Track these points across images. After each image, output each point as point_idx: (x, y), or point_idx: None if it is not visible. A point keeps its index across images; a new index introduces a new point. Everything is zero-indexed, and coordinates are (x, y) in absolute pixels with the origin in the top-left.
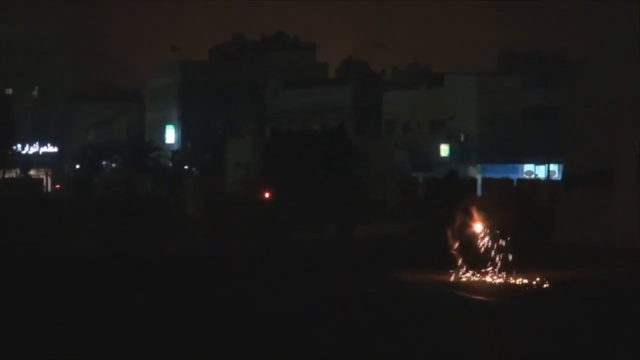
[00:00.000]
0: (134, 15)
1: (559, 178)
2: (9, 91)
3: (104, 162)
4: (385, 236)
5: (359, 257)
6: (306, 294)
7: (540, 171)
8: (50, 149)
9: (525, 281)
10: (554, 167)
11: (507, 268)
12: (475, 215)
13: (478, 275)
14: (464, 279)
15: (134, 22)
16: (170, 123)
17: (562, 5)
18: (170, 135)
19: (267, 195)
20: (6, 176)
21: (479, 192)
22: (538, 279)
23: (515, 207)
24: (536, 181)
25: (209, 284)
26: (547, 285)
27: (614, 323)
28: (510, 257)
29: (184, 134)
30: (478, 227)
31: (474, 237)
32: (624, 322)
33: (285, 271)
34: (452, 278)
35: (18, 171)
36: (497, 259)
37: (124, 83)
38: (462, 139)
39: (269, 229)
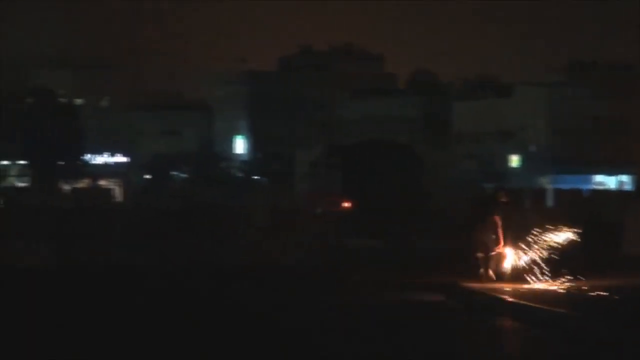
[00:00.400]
0: (203, 26)
1: (630, 189)
2: (79, 101)
3: (173, 172)
4: (442, 248)
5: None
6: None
7: (611, 182)
8: (120, 158)
9: (595, 292)
10: (625, 178)
11: (575, 277)
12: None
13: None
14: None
15: (202, 33)
16: (239, 133)
17: (635, 17)
18: (240, 145)
19: (345, 205)
20: (76, 186)
21: (549, 202)
22: (605, 290)
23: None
24: (607, 192)
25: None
26: (616, 297)
27: None
28: (576, 267)
29: (253, 144)
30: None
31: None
32: None
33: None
34: (518, 287)
35: (88, 181)
36: (563, 268)
37: (193, 93)
38: (532, 149)
39: (333, 238)
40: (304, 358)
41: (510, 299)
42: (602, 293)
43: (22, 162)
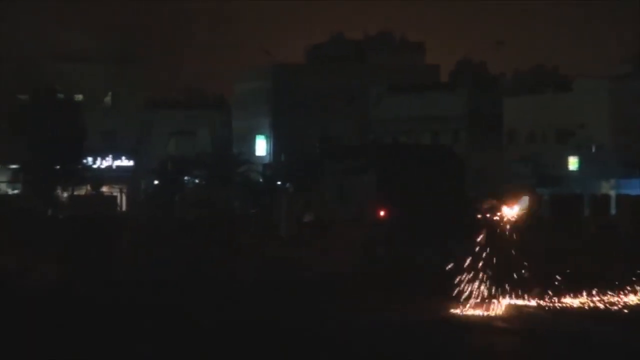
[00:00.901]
0: (220, 15)
1: None
2: (79, 97)
3: (185, 177)
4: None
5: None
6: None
7: None
8: (125, 162)
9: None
10: None
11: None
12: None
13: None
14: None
15: (220, 22)
16: (260, 133)
17: None
18: (261, 146)
19: (382, 214)
20: (75, 193)
21: (612, 210)
22: None
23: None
24: None
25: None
26: None
27: None
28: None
29: (276, 146)
30: None
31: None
32: None
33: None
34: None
35: (89, 187)
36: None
37: (209, 89)
38: (592, 150)
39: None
40: None
41: None
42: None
43: (14, 165)
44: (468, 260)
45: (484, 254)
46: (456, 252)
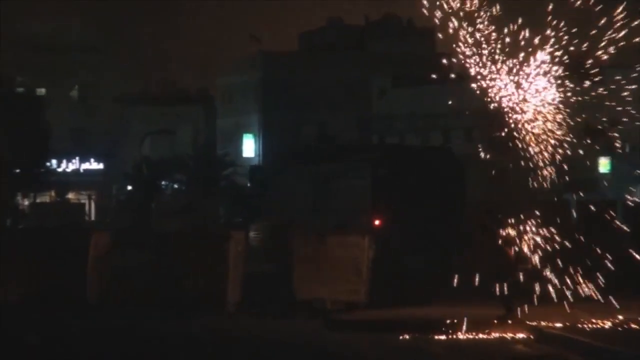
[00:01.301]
0: None
1: None
2: (41, 91)
3: (163, 182)
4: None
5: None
6: None
7: None
8: (95, 165)
9: None
10: None
11: None
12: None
13: None
14: None
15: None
16: (248, 131)
17: None
18: (249, 146)
19: (375, 222)
20: (38, 200)
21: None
22: None
23: None
24: None
25: None
26: None
27: None
28: None
29: (266, 146)
30: None
31: None
32: None
33: None
34: None
35: (53, 194)
36: None
37: (190, 82)
38: (626, 150)
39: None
40: None
41: None
42: None
43: None
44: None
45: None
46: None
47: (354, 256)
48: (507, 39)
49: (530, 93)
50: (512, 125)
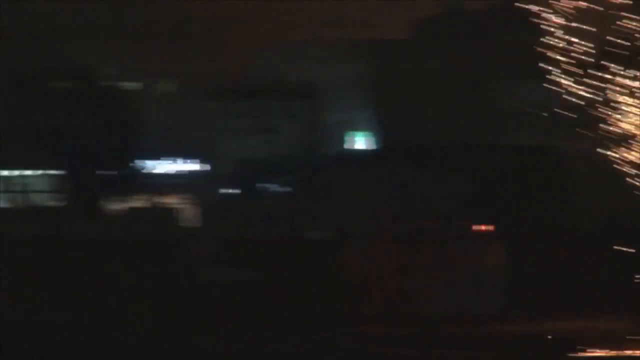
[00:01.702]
0: None
1: None
2: (133, 86)
3: (264, 184)
4: None
5: None
6: None
7: None
8: (191, 166)
9: None
10: None
11: None
12: None
13: None
14: None
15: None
16: (357, 129)
17: None
18: (359, 145)
19: (480, 228)
20: (130, 204)
21: None
22: None
23: None
24: None
25: None
26: None
27: None
28: None
29: (378, 145)
30: None
31: None
32: None
33: None
34: None
35: (146, 198)
36: None
37: (293, 75)
38: None
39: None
40: None
41: None
42: None
43: (50, 171)
44: None
45: None
46: None
47: None
48: None
49: None
50: None
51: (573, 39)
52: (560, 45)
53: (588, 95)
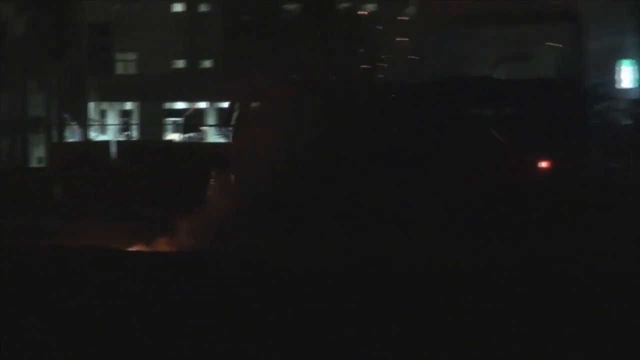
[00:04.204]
0: None
1: None
2: (366, 8)
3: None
4: None
5: None
6: None
7: None
8: None
9: None
10: None
11: None
12: None
13: None
14: None
15: None
16: (626, 57)
17: None
18: (627, 75)
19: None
20: None
21: None
22: None
23: None
24: None
25: None
26: None
27: None
28: None
29: None
30: None
31: None
32: None
33: None
34: None
35: None
36: None
37: None
38: None
39: None
40: None
41: None
42: None
43: None
44: None
45: None
46: None
47: None
48: None
49: None
50: None
51: None
52: None
53: None
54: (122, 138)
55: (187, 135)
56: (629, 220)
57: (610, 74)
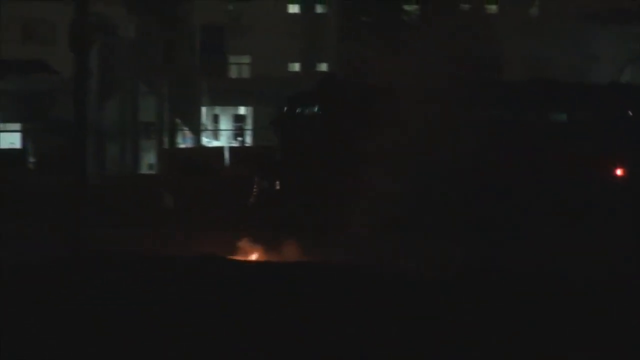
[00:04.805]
0: None
1: None
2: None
3: None
4: None
5: None
6: None
7: None
8: None
9: None
10: None
11: None
12: None
13: None
14: None
15: None
16: None
17: None
18: None
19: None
20: None
21: None
22: None
23: None
24: None
25: None
26: None
27: None
28: None
29: None
30: None
31: None
32: None
33: None
34: None
35: None
36: None
37: None
38: None
39: None
40: None
41: None
42: None
43: None
44: None
45: None
46: None
47: None
48: None
49: None
50: None
51: None
52: None
53: None
54: (235, 144)
55: None
56: None
57: None
